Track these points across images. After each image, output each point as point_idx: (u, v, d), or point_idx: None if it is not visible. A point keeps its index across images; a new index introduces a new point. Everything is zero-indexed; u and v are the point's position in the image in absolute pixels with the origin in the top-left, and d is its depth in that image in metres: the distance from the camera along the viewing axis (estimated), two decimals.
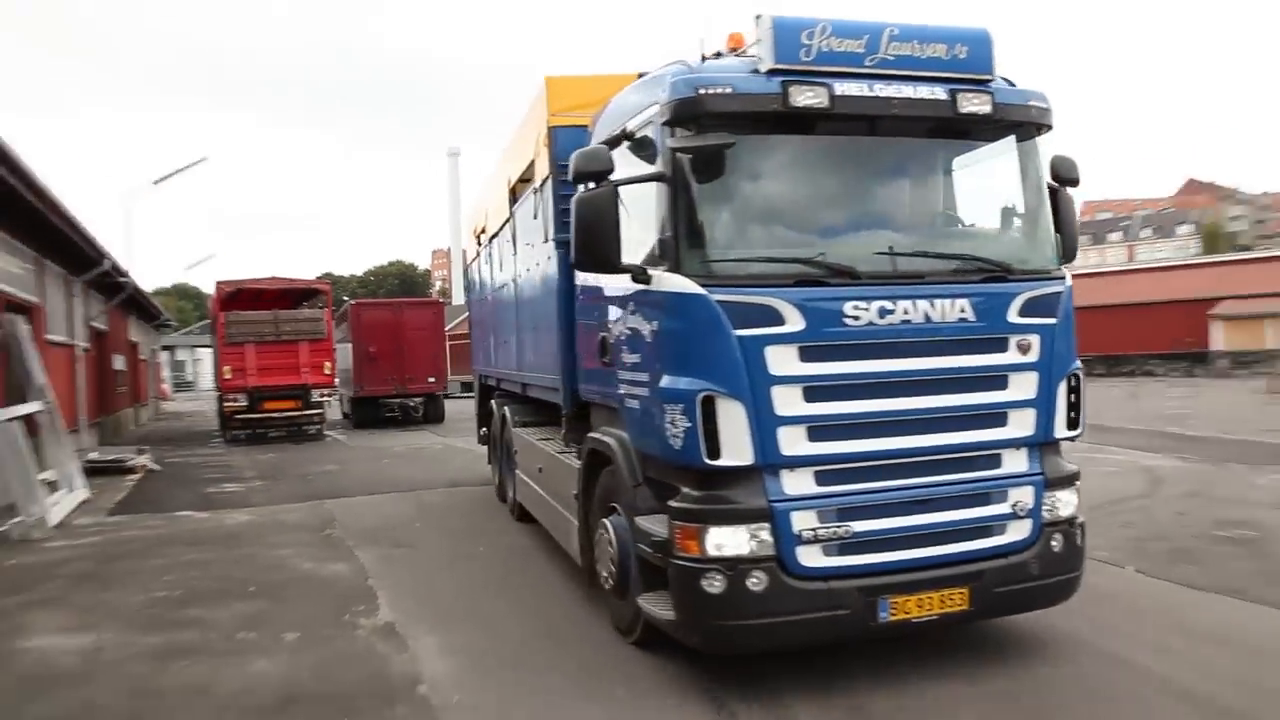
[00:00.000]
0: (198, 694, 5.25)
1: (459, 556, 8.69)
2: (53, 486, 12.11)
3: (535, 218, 7.83)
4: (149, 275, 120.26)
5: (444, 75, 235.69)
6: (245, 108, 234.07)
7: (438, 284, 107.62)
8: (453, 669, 5.57)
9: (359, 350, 25.30)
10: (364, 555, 8.78)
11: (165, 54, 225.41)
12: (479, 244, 12.13)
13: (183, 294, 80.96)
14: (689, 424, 4.74)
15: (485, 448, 12.50)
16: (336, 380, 24.21)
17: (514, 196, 9.11)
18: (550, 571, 7.83)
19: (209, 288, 32.15)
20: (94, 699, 5.26)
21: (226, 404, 22.82)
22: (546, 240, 7.34)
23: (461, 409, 29.74)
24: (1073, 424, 5.39)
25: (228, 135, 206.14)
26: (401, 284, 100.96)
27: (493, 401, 11.46)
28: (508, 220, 9.47)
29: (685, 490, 4.96)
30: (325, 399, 23.57)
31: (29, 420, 12.15)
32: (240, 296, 23.53)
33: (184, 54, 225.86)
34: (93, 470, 15.53)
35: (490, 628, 6.38)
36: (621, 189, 5.10)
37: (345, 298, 45.07)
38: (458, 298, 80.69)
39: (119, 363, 27.28)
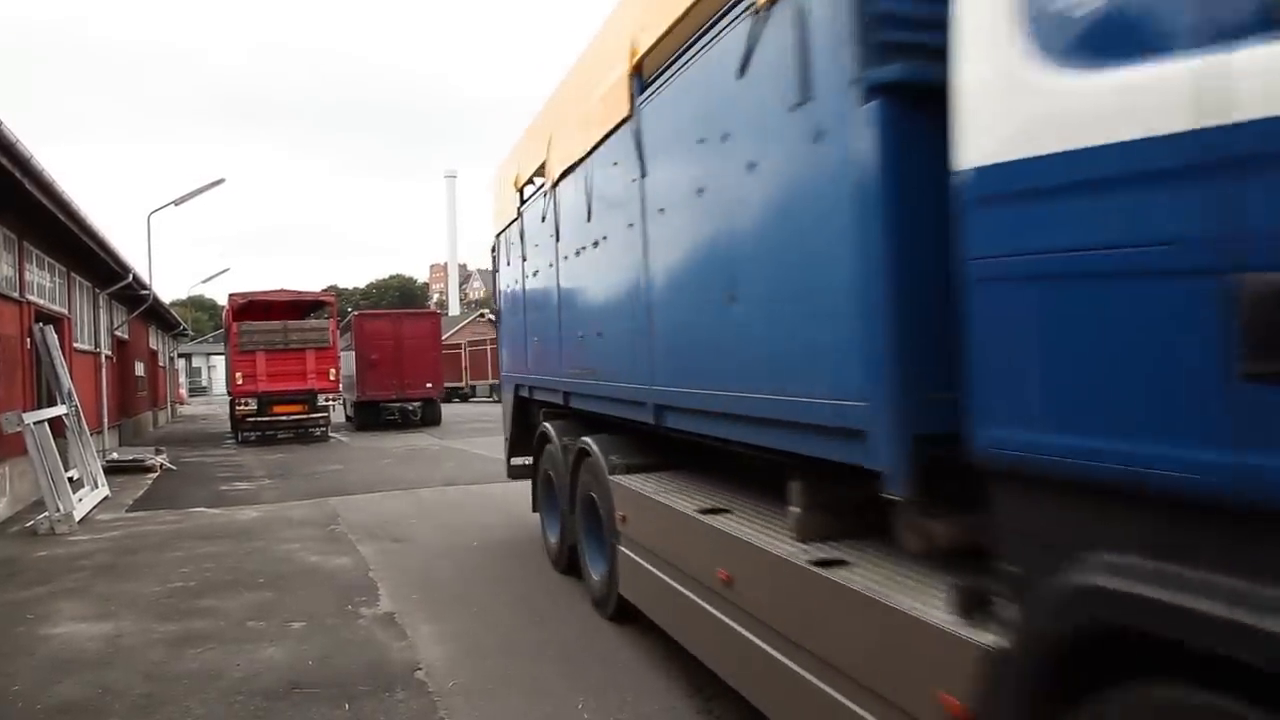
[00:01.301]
0: (210, 679, 5.17)
1: (454, 550, 8.60)
2: (77, 484, 11.95)
3: (742, 74, 3.60)
4: (168, 287, 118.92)
5: (442, 105, 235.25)
6: (259, 133, 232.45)
7: (435, 296, 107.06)
8: (449, 655, 5.50)
9: (361, 358, 25.19)
10: (365, 549, 8.68)
11: (189, 89, 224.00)
12: (522, 199, 7.81)
13: (198, 305, 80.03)
14: None
15: (509, 476, 8.89)
16: (340, 385, 24.07)
17: (641, 79, 4.82)
18: (534, 561, 7.77)
19: (223, 299, 31.91)
20: (113, 682, 5.16)
21: (238, 407, 22.65)
22: (805, 101, 3.16)
23: (458, 413, 29.63)
24: None
25: (243, 159, 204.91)
26: (401, 296, 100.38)
27: (547, 425, 7.32)
28: (627, 118, 4.94)
29: None
30: (330, 403, 23.36)
31: (56, 422, 12.02)
32: (252, 308, 23.35)
33: (205, 88, 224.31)
34: (113, 469, 15.39)
35: (483, 616, 6.32)
36: None
37: (349, 309, 44.88)
38: (454, 309, 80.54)
39: (139, 369, 27.01)
